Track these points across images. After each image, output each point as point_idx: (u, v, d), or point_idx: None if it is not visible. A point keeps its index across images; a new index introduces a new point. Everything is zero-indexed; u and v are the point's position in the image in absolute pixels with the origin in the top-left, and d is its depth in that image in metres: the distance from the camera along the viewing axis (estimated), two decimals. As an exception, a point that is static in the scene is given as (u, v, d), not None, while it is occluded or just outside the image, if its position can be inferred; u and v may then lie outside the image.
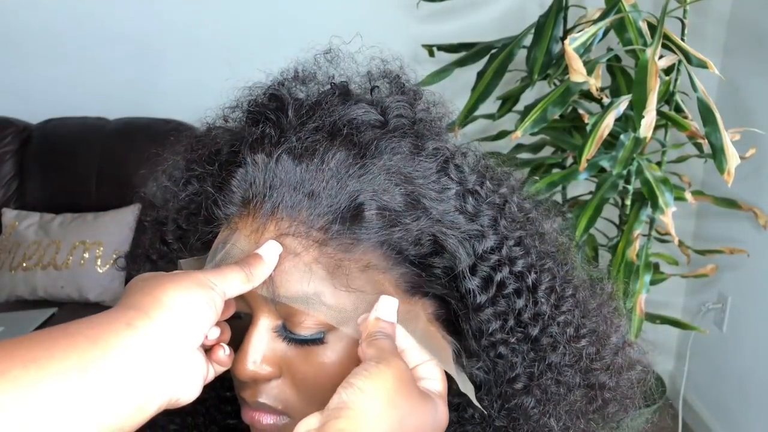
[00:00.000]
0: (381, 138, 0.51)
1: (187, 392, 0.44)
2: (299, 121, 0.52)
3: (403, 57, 0.60)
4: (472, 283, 0.51)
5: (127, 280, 0.52)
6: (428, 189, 0.51)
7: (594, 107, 1.74)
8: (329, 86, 0.55)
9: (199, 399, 0.61)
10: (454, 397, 0.53)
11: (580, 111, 1.69)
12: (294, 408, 0.51)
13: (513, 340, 0.53)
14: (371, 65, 0.58)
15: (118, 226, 2.07)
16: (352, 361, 0.49)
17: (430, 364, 0.49)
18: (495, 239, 0.53)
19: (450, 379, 0.51)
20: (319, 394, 0.50)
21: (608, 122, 1.47)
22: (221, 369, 0.49)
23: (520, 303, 0.53)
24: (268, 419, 0.51)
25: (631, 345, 0.63)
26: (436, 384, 0.49)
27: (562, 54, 1.62)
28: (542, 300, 0.54)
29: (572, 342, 0.55)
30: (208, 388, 0.51)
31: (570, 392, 0.55)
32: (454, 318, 0.54)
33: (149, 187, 0.61)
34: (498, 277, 0.52)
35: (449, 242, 0.51)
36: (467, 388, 0.52)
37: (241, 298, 0.50)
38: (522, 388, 0.54)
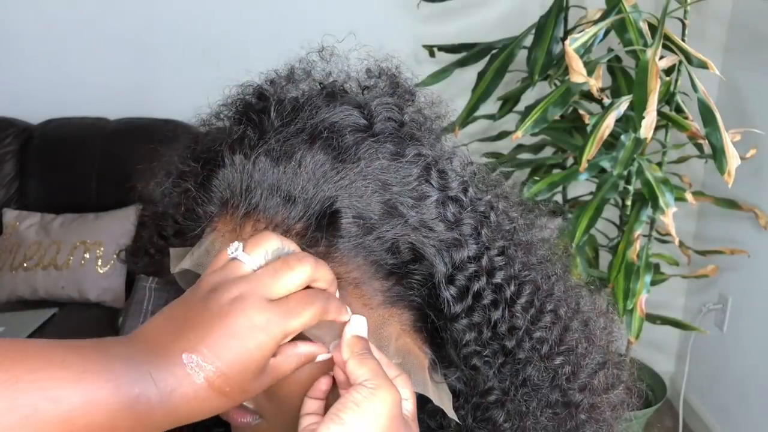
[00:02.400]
0: (361, 143, 0.50)
1: None
2: (281, 123, 0.51)
3: (401, 56, 0.59)
4: (448, 292, 0.50)
5: (128, 274, 0.51)
6: (406, 196, 0.50)
7: (594, 108, 1.74)
8: (318, 86, 0.55)
9: None
10: (434, 404, 0.53)
11: (581, 111, 1.69)
12: (265, 409, 0.51)
13: (487, 352, 0.52)
14: (365, 64, 0.58)
15: (118, 226, 2.07)
16: (322, 370, 0.49)
17: (398, 380, 0.48)
18: (475, 248, 0.51)
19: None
20: (289, 399, 0.50)
21: (609, 123, 1.47)
22: None
23: (496, 315, 0.52)
24: (242, 419, 0.51)
25: (619, 365, 0.61)
26: (408, 404, 0.48)
27: (562, 54, 1.62)
28: (518, 314, 0.53)
29: (546, 359, 0.54)
30: None
31: (543, 410, 0.54)
32: (432, 327, 0.53)
33: (149, 183, 0.61)
34: (475, 287, 0.51)
35: (427, 250, 0.50)
36: (443, 401, 0.52)
37: None
38: (495, 401, 0.53)
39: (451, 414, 0.52)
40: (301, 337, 0.46)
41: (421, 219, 0.50)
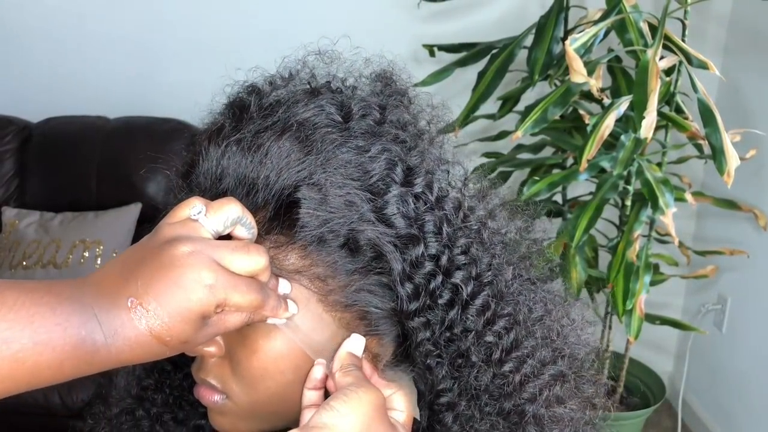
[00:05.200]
0: (326, 137, 0.51)
1: None
2: (259, 116, 0.52)
3: (401, 55, 0.59)
4: (404, 289, 0.50)
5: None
6: (365, 190, 0.50)
7: (595, 108, 1.74)
8: (308, 85, 0.55)
9: (179, 365, 0.63)
10: None
11: (581, 111, 1.69)
12: (232, 389, 0.53)
13: (438, 352, 0.52)
14: (357, 66, 0.58)
15: (118, 225, 2.07)
16: (284, 355, 0.51)
17: (397, 395, 0.51)
18: (435, 246, 0.51)
19: None
20: (253, 381, 0.52)
21: (609, 123, 1.47)
22: None
23: (450, 315, 0.52)
24: (210, 397, 0.53)
25: (585, 378, 0.59)
26: (401, 415, 0.51)
27: (562, 54, 1.62)
28: (471, 316, 0.52)
29: (496, 365, 0.53)
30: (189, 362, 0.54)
31: (492, 417, 0.53)
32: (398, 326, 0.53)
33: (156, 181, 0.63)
34: (431, 285, 0.51)
35: (384, 247, 0.50)
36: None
37: None
38: (446, 403, 0.53)
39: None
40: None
41: (380, 214, 0.50)
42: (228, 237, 0.48)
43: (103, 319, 0.41)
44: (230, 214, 0.46)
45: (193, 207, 0.46)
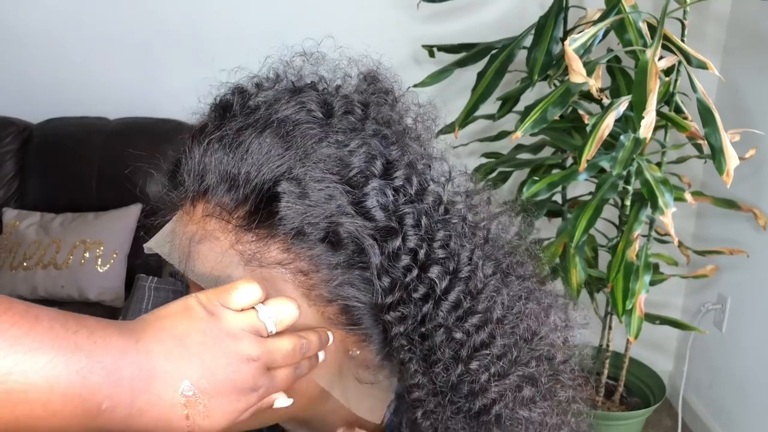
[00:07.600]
0: (306, 132, 0.51)
1: None
2: (243, 114, 0.53)
3: (396, 59, 0.59)
4: (381, 282, 0.51)
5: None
6: (345, 184, 0.50)
7: (594, 108, 1.75)
8: (292, 84, 0.56)
9: None
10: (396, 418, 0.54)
11: (580, 112, 1.69)
12: None
13: (409, 347, 0.52)
14: (341, 67, 0.58)
15: (118, 225, 2.07)
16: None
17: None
18: (414, 239, 0.51)
19: None
20: None
21: (608, 123, 1.47)
22: None
23: (424, 310, 0.51)
24: None
25: (562, 382, 0.57)
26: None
27: (562, 55, 1.63)
28: (443, 312, 0.52)
29: (463, 362, 0.52)
30: None
31: (460, 415, 0.53)
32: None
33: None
34: (407, 279, 0.51)
35: (364, 240, 0.50)
36: (355, 403, 0.55)
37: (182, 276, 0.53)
38: (416, 399, 0.53)
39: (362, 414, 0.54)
40: None
41: (359, 207, 0.50)
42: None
43: (142, 398, 0.41)
44: (292, 318, 0.48)
45: (263, 309, 0.47)
